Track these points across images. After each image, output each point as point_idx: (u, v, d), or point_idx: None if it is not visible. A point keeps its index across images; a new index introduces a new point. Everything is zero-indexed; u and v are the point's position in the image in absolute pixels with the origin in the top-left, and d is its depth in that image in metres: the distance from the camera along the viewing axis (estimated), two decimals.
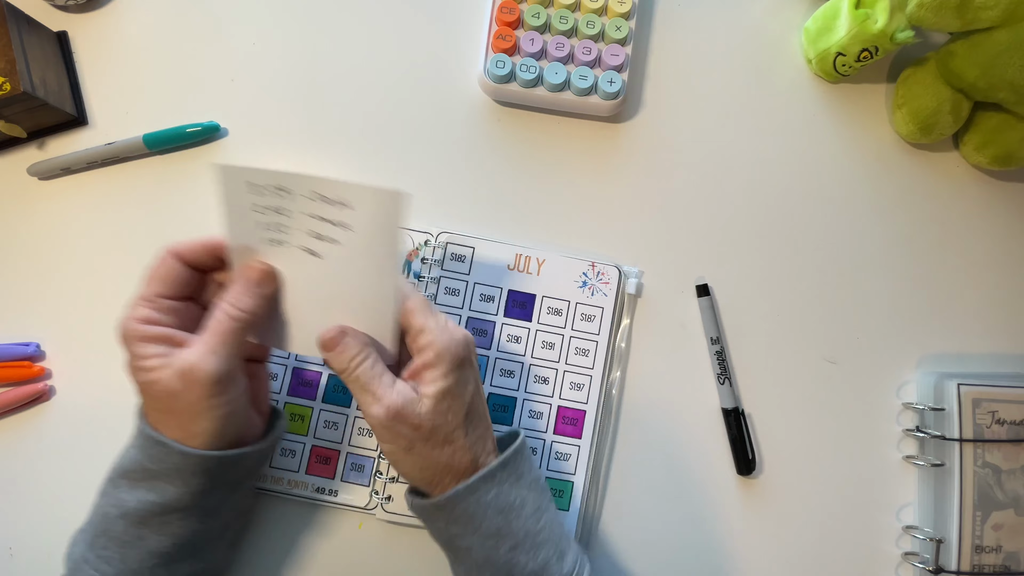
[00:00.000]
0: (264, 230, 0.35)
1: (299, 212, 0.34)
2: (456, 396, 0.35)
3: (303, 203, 0.34)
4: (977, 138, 0.50)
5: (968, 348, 0.49)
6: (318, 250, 0.35)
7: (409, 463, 0.36)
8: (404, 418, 0.34)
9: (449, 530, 0.37)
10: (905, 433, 0.48)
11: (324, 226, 0.34)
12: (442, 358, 0.35)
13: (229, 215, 0.35)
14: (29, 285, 0.47)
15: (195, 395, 0.33)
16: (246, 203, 0.34)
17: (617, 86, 0.47)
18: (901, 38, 0.45)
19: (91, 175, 0.48)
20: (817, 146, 0.51)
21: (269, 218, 0.34)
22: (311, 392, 0.46)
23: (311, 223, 0.34)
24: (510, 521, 0.36)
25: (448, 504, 0.36)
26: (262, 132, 0.49)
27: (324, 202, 0.34)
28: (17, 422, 0.45)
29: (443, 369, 0.35)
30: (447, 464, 0.36)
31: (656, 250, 0.49)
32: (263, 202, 0.34)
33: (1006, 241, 0.51)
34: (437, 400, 0.35)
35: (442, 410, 0.35)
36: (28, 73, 0.44)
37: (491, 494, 0.36)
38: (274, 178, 0.33)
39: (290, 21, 0.51)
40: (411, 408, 0.34)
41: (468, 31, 0.51)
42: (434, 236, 0.47)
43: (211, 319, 0.35)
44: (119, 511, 0.35)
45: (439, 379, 0.35)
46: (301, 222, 0.34)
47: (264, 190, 0.34)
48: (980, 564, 0.44)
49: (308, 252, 0.35)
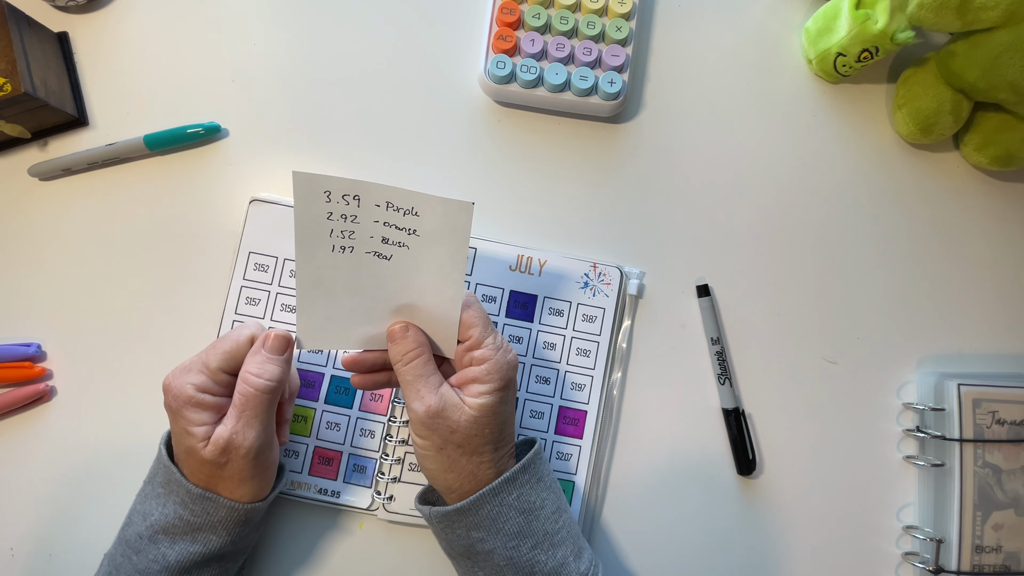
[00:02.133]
0: (334, 236, 0.36)
1: (368, 219, 0.36)
2: (496, 414, 0.37)
3: (373, 211, 0.35)
4: (977, 138, 0.50)
5: (968, 348, 0.49)
6: (386, 253, 0.37)
7: (436, 462, 0.37)
8: (442, 420, 0.36)
9: (470, 535, 0.37)
10: (905, 433, 0.48)
11: (392, 232, 0.36)
12: (492, 376, 0.36)
13: (301, 221, 0.35)
14: (30, 285, 0.47)
15: (238, 466, 0.36)
16: (319, 211, 0.35)
17: (617, 87, 0.47)
18: (901, 38, 0.45)
19: (92, 176, 0.48)
20: (817, 146, 0.51)
21: (339, 225, 0.36)
22: (313, 393, 0.46)
23: (380, 229, 0.36)
24: (531, 522, 0.37)
25: (472, 508, 0.37)
26: (262, 132, 0.49)
27: (392, 209, 0.35)
28: (17, 422, 0.45)
29: (492, 386, 0.36)
30: (471, 473, 0.37)
31: (656, 250, 0.49)
32: (335, 209, 0.35)
33: (1006, 241, 0.51)
34: (479, 414, 0.36)
35: (480, 424, 0.36)
36: (29, 74, 0.44)
37: (513, 495, 0.37)
38: (348, 186, 0.35)
39: (290, 21, 0.51)
40: (451, 413, 0.36)
41: (469, 32, 0.51)
42: None
43: (243, 392, 0.36)
44: (160, 565, 0.36)
45: (485, 395, 0.36)
46: (370, 228, 0.36)
47: (336, 197, 0.35)
48: (980, 564, 0.44)
49: (376, 255, 0.37)
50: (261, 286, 0.46)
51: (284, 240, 0.47)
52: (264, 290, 0.46)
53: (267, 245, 0.47)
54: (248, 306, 0.46)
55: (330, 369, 0.46)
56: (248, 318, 0.46)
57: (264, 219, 0.47)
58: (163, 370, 0.46)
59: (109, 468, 0.45)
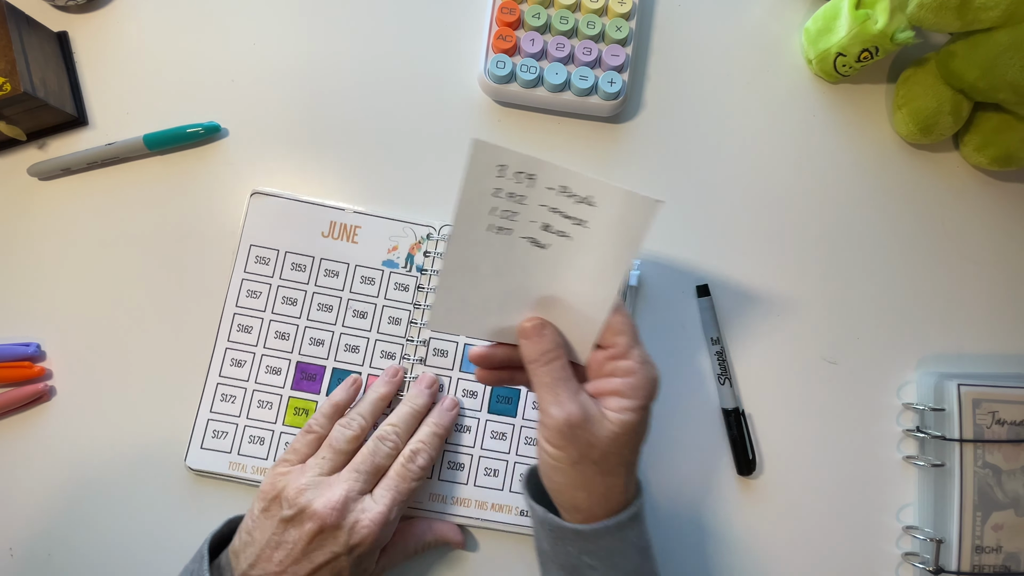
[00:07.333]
0: (494, 215, 0.34)
1: (536, 202, 0.33)
2: (636, 434, 0.34)
3: (543, 193, 0.33)
4: (977, 139, 0.50)
5: (968, 348, 0.49)
6: (544, 241, 0.34)
7: (568, 476, 0.34)
8: (582, 432, 0.33)
9: (581, 558, 0.36)
10: (905, 433, 0.48)
11: (557, 218, 0.33)
12: (638, 392, 0.34)
13: (468, 193, 0.33)
14: (29, 285, 0.47)
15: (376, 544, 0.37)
16: (488, 185, 0.33)
17: (617, 86, 0.47)
18: (901, 38, 0.45)
19: (91, 175, 0.48)
20: (817, 146, 0.51)
21: (503, 203, 0.33)
22: (315, 386, 0.46)
23: (544, 214, 0.34)
24: (645, 562, 0.36)
25: (594, 535, 0.35)
26: (262, 132, 0.49)
27: (566, 195, 0.33)
28: (17, 422, 0.45)
29: (636, 403, 0.34)
30: (603, 495, 0.35)
31: (656, 250, 0.49)
32: (504, 186, 0.33)
33: (1006, 241, 0.51)
34: (621, 431, 0.33)
35: (622, 442, 0.34)
36: (28, 73, 0.44)
37: (635, 532, 0.36)
38: (525, 163, 0.33)
39: (290, 21, 0.51)
40: (592, 426, 0.33)
41: (468, 31, 0.51)
42: (436, 229, 0.47)
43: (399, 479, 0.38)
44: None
45: (629, 411, 0.34)
46: (534, 212, 0.34)
47: (510, 174, 0.33)
48: (980, 564, 0.44)
49: (532, 242, 0.34)
50: (262, 279, 0.46)
51: (285, 233, 0.47)
52: (265, 283, 0.46)
53: (268, 238, 0.46)
54: (249, 299, 0.46)
55: (332, 362, 0.46)
56: (249, 311, 0.46)
57: (265, 212, 0.47)
58: (162, 370, 0.46)
59: (108, 468, 0.45)
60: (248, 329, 0.46)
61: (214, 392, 0.45)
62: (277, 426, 0.45)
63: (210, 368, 0.45)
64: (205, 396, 0.45)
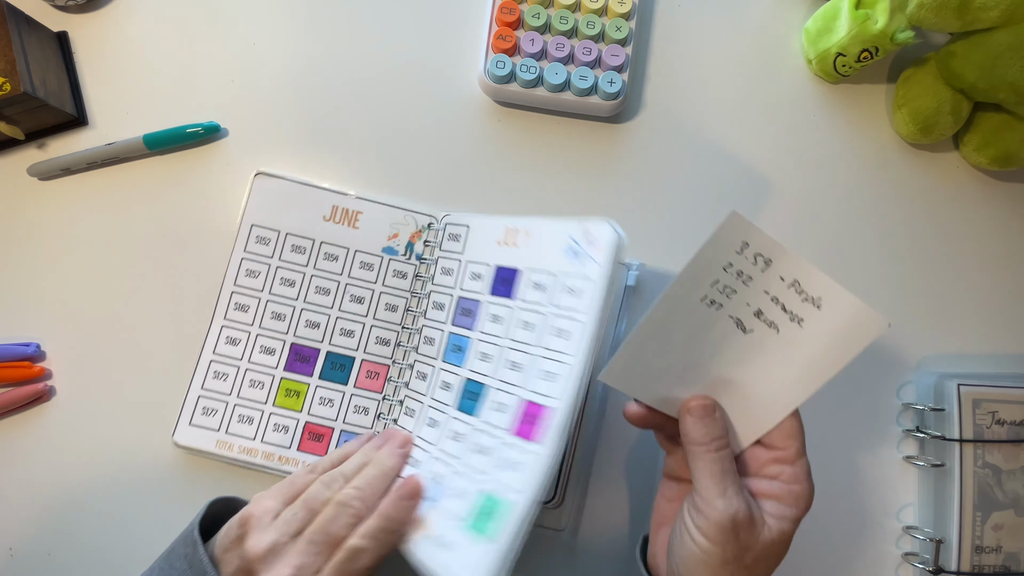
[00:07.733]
0: (714, 288, 0.33)
1: (760, 287, 0.33)
2: (787, 546, 0.33)
3: (773, 282, 0.32)
4: (977, 138, 0.50)
5: (968, 348, 0.49)
6: (750, 327, 0.33)
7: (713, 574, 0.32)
8: (744, 533, 0.31)
9: None
10: (905, 433, 0.48)
11: (774, 309, 0.33)
12: (800, 502, 0.33)
13: (699, 259, 0.32)
14: (29, 285, 0.47)
15: None
16: (723, 258, 0.32)
17: (617, 86, 0.47)
18: (901, 38, 0.45)
19: (91, 175, 0.48)
20: (817, 146, 0.51)
21: (728, 279, 0.32)
22: (308, 368, 0.45)
23: (763, 301, 0.33)
24: None
25: None
26: (262, 132, 0.49)
27: (795, 290, 0.32)
28: (17, 422, 0.45)
29: (796, 512, 0.33)
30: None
31: (656, 250, 0.49)
32: (737, 263, 0.32)
33: (1006, 241, 0.51)
34: (779, 539, 0.32)
35: (774, 552, 0.32)
36: (28, 73, 0.44)
37: None
38: (769, 248, 0.32)
39: (290, 21, 0.51)
40: (755, 529, 0.32)
41: (468, 31, 0.51)
42: (438, 219, 0.47)
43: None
44: None
45: (788, 520, 0.32)
46: (754, 296, 0.33)
47: (749, 254, 0.32)
48: (980, 564, 0.44)
49: (737, 323, 0.33)
50: (262, 259, 0.46)
51: (287, 214, 0.47)
52: (264, 263, 0.46)
53: (270, 218, 0.46)
54: (248, 278, 0.46)
55: (326, 345, 0.46)
56: (247, 290, 0.46)
57: (268, 192, 0.47)
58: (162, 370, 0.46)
59: (108, 468, 0.45)
60: (245, 308, 0.46)
61: (207, 369, 0.45)
62: (267, 406, 0.45)
63: (204, 344, 0.45)
64: (198, 372, 0.45)
